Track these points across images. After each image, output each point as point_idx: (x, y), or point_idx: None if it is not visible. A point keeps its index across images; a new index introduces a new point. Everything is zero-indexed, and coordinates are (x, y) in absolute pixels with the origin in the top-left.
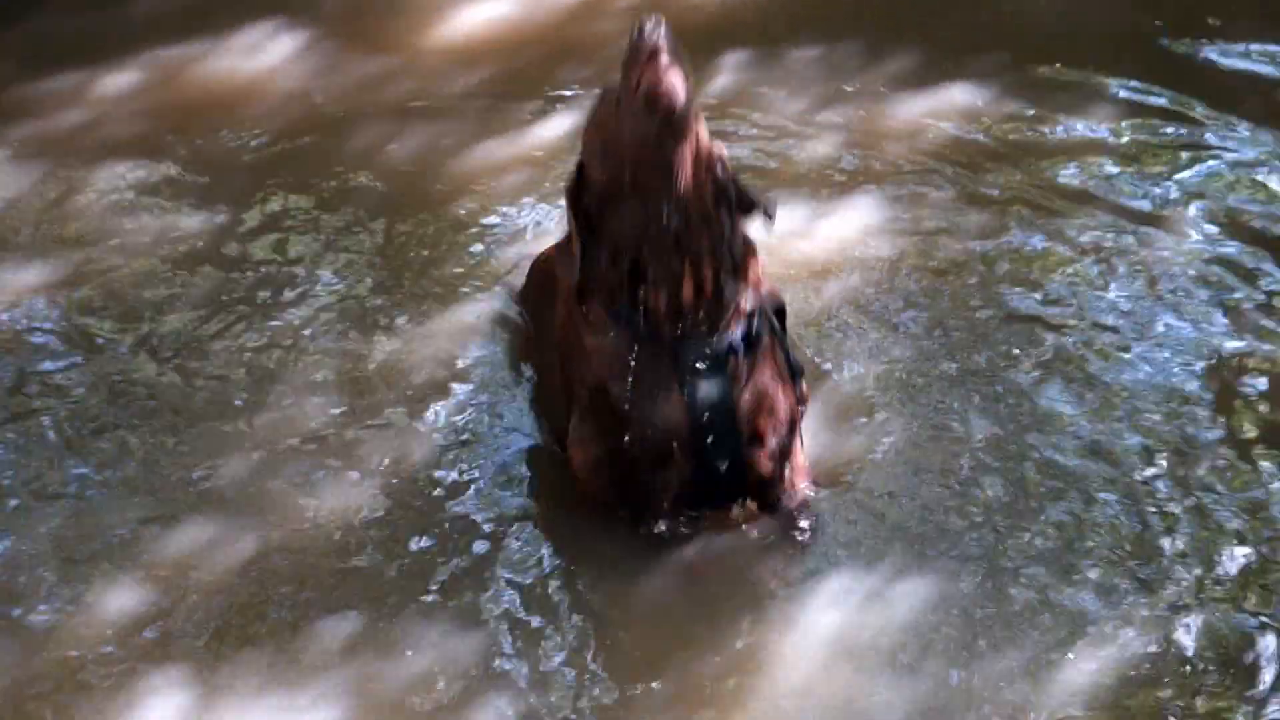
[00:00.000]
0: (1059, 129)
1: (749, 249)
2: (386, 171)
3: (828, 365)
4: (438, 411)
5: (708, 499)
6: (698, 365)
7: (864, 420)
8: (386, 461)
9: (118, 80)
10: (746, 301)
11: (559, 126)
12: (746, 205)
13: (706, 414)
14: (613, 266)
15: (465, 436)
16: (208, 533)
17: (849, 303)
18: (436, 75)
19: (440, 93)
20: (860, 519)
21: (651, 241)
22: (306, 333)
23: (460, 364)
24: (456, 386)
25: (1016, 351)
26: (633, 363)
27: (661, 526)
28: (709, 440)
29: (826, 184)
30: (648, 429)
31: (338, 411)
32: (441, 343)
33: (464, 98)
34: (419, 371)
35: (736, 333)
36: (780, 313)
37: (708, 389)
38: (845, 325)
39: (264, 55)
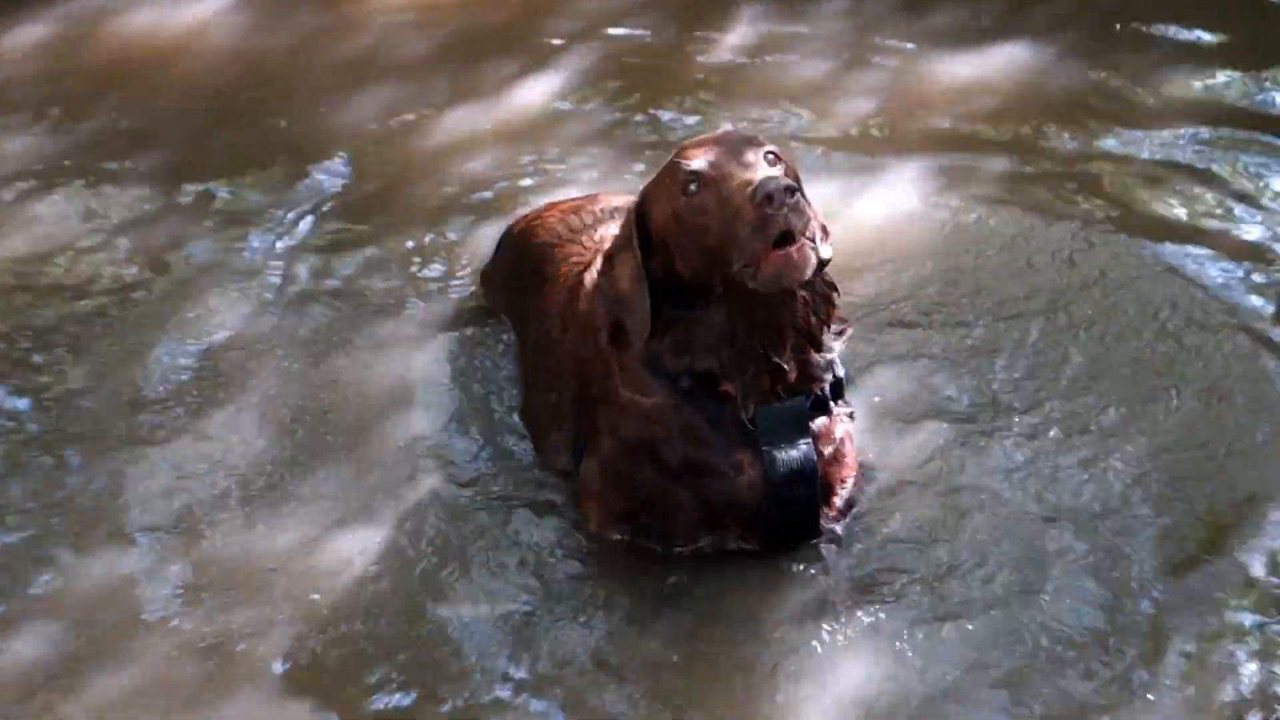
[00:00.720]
0: (1132, 92)
1: (831, 299)
2: (339, 144)
3: (862, 368)
4: (399, 426)
5: (764, 549)
6: (778, 433)
7: (903, 438)
8: (339, 488)
9: (25, 34)
10: (831, 351)
11: (539, 90)
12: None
13: (787, 482)
14: (677, 357)
15: (434, 456)
16: (122, 570)
17: (885, 295)
18: (397, 31)
19: (401, 52)
20: (894, 559)
21: (738, 351)
22: (246, 335)
23: (426, 370)
24: (420, 397)
25: (1084, 359)
26: (694, 427)
27: (703, 545)
28: (785, 508)
29: (859, 157)
30: (713, 503)
31: (282, 430)
32: (404, 345)
33: (429, 58)
34: (376, 379)
35: (825, 386)
36: (847, 324)
37: (790, 458)
38: (881, 321)
39: (195, 5)
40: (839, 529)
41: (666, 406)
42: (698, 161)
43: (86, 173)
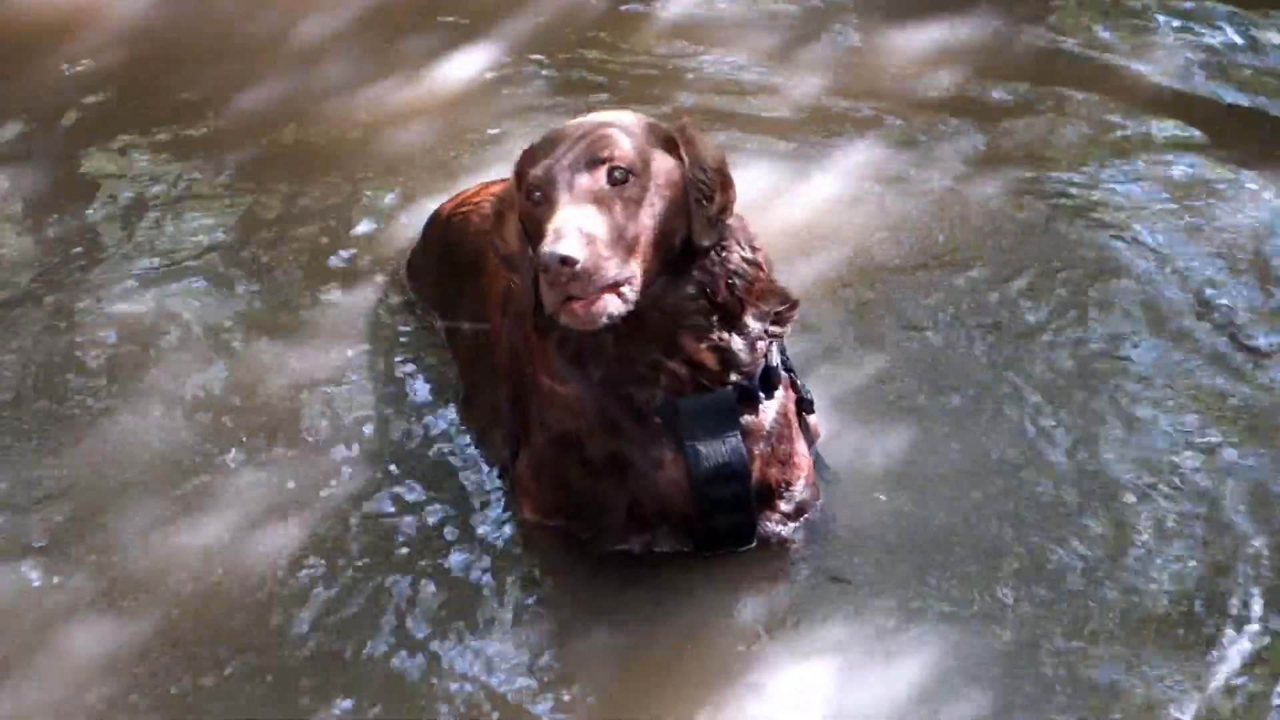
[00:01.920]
0: (1100, 66)
1: (753, 274)
2: (250, 122)
3: (816, 356)
4: (322, 420)
5: (698, 551)
6: (701, 426)
7: (859, 430)
8: (259, 494)
9: None
10: (759, 335)
11: (467, 65)
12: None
13: (713, 479)
14: (569, 362)
15: (359, 450)
16: (30, 582)
17: (840, 280)
18: (311, 2)
19: (316, 24)
20: (855, 555)
21: (620, 357)
22: (150, 331)
23: (348, 361)
24: (343, 390)
25: (1050, 344)
26: (611, 419)
27: (636, 546)
28: (714, 507)
29: (812, 134)
30: (636, 497)
31: (194, 432)
32: (323, 340)
33: (345, 29)
34: (295, 377)
35: (754, 376)
36: (790, 307)
37: (715, 452)
38: (835, 309)
39: None
40: (785, 531)
41: (585, 396)
42: (539, 169)
43: None
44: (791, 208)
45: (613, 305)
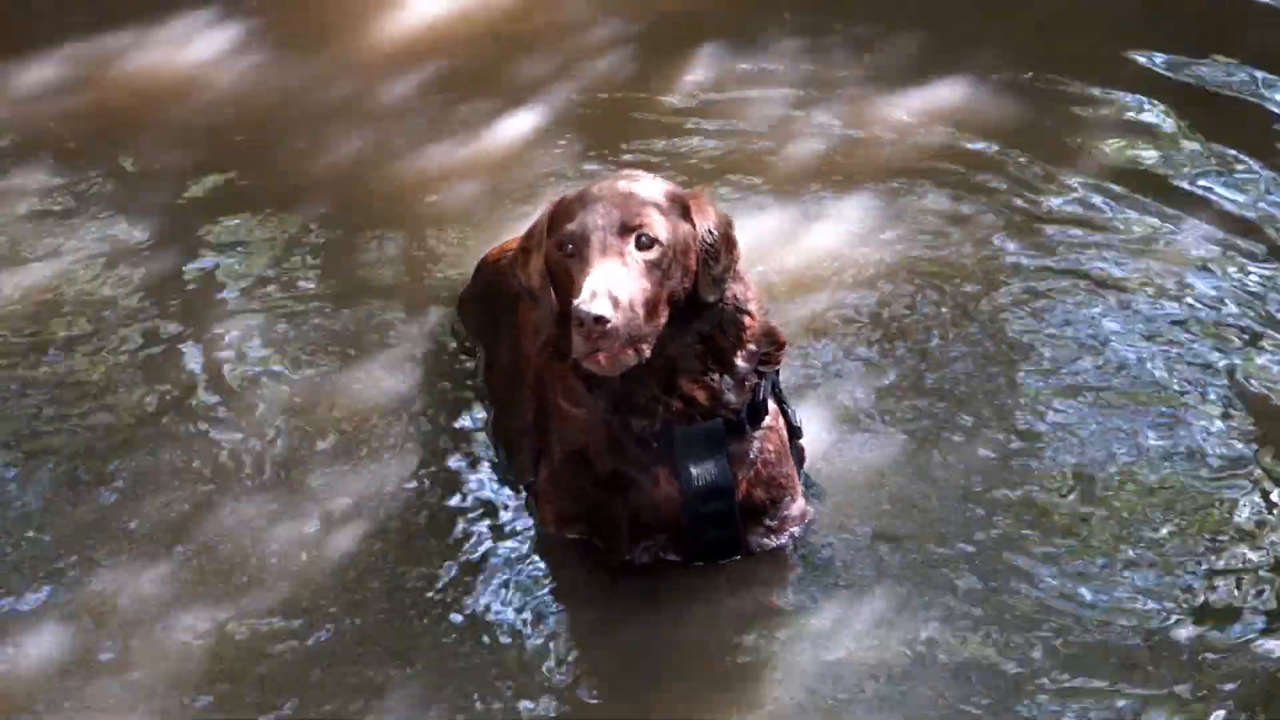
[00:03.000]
0: (1068, 129)
1: (741, 322)
2: (330, 178)
3: (814, 384)
4: (382, 443)
5: (692, 561)
6: (693, 450)
7: (852, 446)
8: (329, 502)
9: (31, 76)
10: (748, 375)
11: (516, 127)
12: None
13: (703, 499)
14: (585, 382)
15: (407, 472)
16: (126, 572)
17: (836, 317)
18: (382, 71)
19: (387, 91)
20: (848, 553)
21: (625, 390)
22: (243, 359)
23: (406, 390)
24: (401, 416)
25: (1022, 373)
26: (615, 441)
27: (640, 556)
28: (703, 523)
29: (812, 188)
30: (635, 509)
31: (275, 446)
32: (386, 368)
33: (412, 96)
34: (362, 399)
35: (741, 410)
36: (778, 348)
37: (705, 472)
38: (832, 341)
39: (194, 50)
40: (770, 544)
41: (593, 418)
42: (574, 224)
43: (90, 208)
44: (792, 255)
45: (632, 359)
